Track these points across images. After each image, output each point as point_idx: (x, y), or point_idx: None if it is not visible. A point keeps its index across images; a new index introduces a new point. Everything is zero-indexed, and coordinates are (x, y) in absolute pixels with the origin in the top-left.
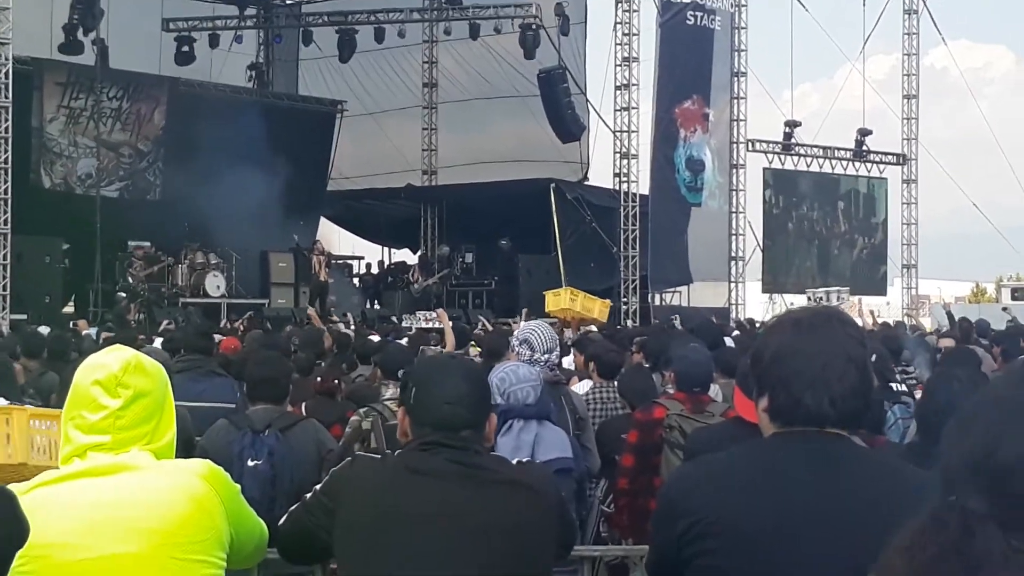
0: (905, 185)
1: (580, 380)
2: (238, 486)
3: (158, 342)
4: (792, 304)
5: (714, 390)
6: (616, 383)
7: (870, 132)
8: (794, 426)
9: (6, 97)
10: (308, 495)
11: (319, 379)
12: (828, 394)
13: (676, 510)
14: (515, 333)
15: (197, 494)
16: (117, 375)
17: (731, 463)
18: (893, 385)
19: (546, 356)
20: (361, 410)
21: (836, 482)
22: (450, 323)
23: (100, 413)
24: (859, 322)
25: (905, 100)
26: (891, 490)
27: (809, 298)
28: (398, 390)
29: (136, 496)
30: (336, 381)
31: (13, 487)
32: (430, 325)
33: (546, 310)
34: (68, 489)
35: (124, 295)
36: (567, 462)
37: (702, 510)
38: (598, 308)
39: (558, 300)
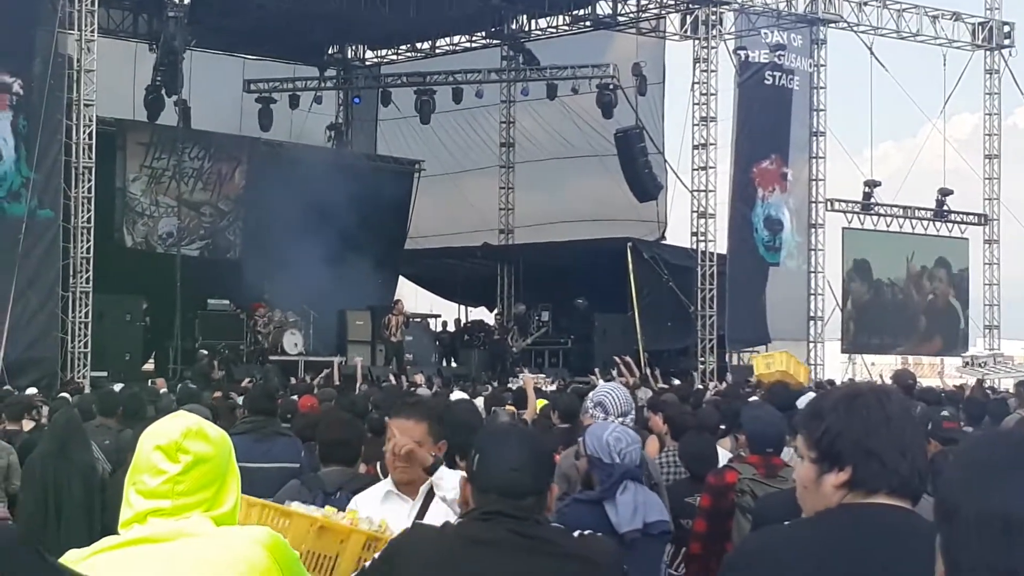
0: (987, 245)
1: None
2: (297, 554)
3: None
4: (872, 364)
5: (788, 453)
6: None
7: (951, 192)
8: (876, 496)
9: (90, 158)
10: (368, 562)
11: None
12: (918, 465)
13: None
14: (589, 395)
15: (257, 564)
16: (178, 441)
17: (809, 531)
18: None
19: (620, 419)
20: None
21: (913, 554)
22: (534, 387)
23: (160, 478)
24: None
25: (987, 160)
26: None
27: (967, 363)
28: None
29: (195, 564)
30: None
31: (72, 552)
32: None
33: (756, 374)
34: (127, 556)
35: (205, 352)
36: (667, 525)
37: None
38: (804, 373)
39: (771, 363)
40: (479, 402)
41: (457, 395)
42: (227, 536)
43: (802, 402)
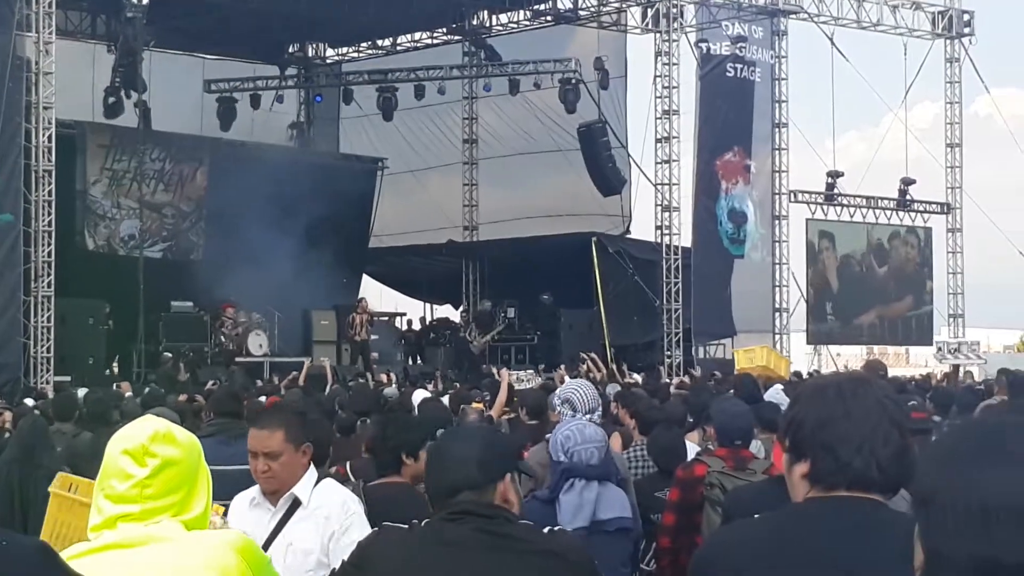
0: (950, 234)
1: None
2: (269, 556)
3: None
4: (838, 355)
5: (756, 446)
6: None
7: (914, 181)
8: (836, 490)
9: (50, 161)
10: (337, 565)
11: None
12: (876, 459)
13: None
14: (557, 392)
15: (228, 567)
16: (144, 444)
17: (766, 529)
18: None
19: (588, 416)
20: None
21: (875, 550)
22: (507, 384)
23: (128, 482)
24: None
25: (949, 148)
26: None
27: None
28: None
29: (166, 569)
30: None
31: None
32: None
33: (737, 368)
34: (97, 561)
35: (170, 355)
36: (627, 522)
37: None
38: (784, 367)
39: (752, 357)
40: (445, 400)
41: (420, 394)
42: (198, 540)
43: (770, 395)
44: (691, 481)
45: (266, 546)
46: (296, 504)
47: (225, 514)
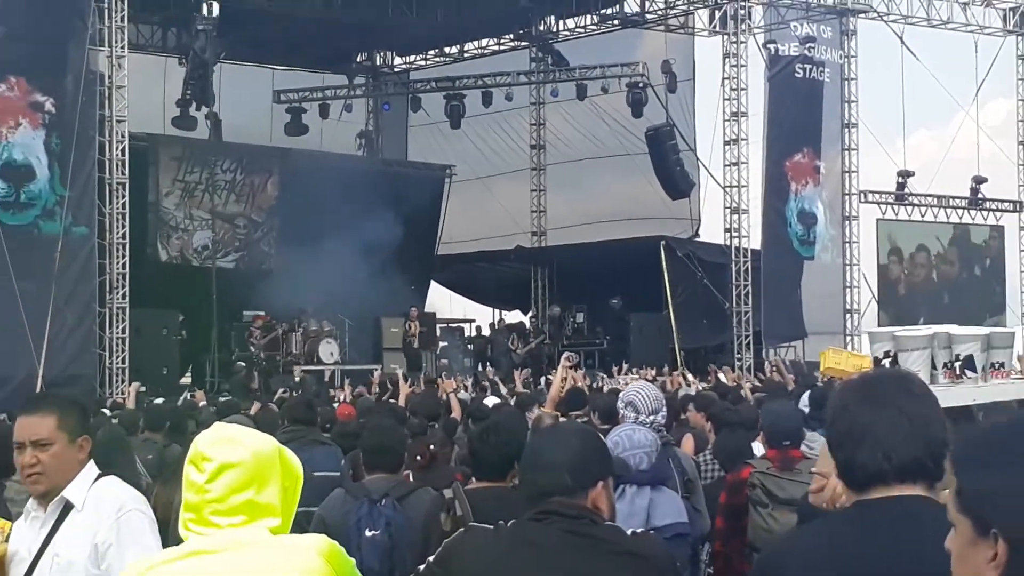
0: (1022, 232)
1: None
2: (353, 560)
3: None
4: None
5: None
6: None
7: (985, 180)
8: (865, 491)
9: (123, 174)
10: (422, 566)
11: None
12: (880, 449)
13: None
14: (620, 395)
15: (313, 571)
16: (200, 451)
17: (824, 535)
18: None
19: (651, 418)
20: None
21: (918, 548)
22: (561, 375)
23: (192, 489)
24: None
25: (1021, 146)
26: None
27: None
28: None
29: (254, 573)
30: (431, 447)
31: (131, 566)
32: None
33: (823, 368)
34: (186, 567)
35: (243, 364)
36: (683, 527)
37: None
38: (865, 365)
39: (839, 359)
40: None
41: (491, 400)
42: (282, 544)
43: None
44: (737, 484)
45: (34, 564)
46: (68, 508)
47: (10, 532)
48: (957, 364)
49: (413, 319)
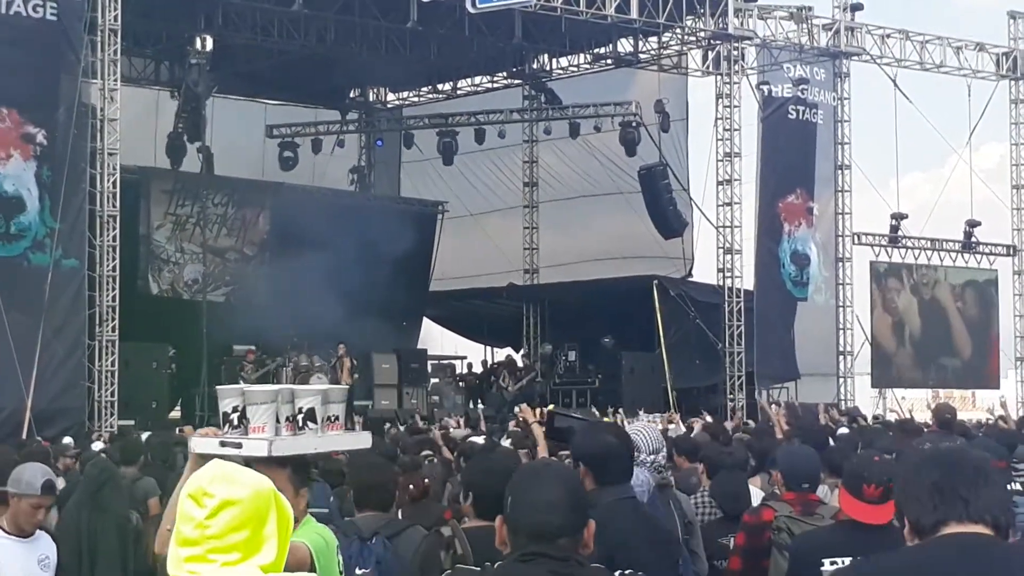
0: (1016, 276)
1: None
2: None
3: None
4: (903, 398)
5: (823, 491)
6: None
7: (979, 223)
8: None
9: (114, 206)
10: None
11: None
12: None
13: None
14: None
15: None
16: (202, 486)
17: (901, 566)
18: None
19: (652, 457)
20: None
21: None
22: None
23: (191, 524)
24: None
25: (1015, 190)
26: None
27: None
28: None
29: None
30: (425, 480)
31: None
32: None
33: None
34: None
35: None
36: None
37: None
38: None
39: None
40: (506, 443)
41: (478, 438)
42: None
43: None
44: (759, 526)
45: None
46: None
47: None
48: (300, 417)
49: (343, 355)
